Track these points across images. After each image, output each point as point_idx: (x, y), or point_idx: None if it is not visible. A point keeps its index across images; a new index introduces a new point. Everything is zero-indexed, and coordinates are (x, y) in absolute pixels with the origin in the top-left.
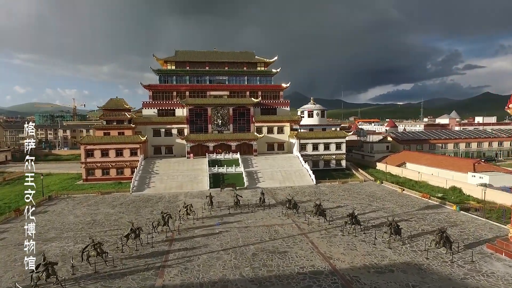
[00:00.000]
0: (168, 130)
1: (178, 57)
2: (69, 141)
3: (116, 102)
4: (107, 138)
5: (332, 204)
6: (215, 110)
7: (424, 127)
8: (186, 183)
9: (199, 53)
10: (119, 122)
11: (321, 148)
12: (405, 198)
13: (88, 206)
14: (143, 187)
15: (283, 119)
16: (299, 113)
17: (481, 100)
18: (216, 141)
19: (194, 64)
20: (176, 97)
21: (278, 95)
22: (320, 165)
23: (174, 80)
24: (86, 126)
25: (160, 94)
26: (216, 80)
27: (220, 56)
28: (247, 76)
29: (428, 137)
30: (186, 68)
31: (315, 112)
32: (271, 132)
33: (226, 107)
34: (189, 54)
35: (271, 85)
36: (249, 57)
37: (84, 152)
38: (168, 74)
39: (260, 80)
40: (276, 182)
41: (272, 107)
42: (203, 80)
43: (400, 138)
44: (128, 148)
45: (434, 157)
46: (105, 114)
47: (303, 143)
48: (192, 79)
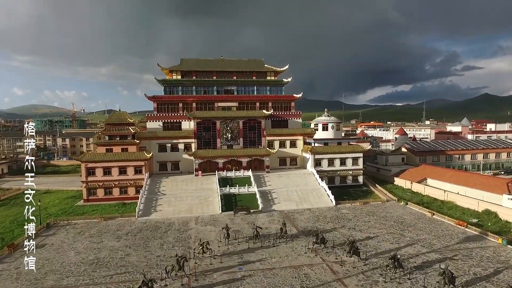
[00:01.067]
0: (175, 145)
1: (183, 66)
2: (68, 150)
3: (119, 116)
4: (109, 155)
5: (360, 235)
6: (224, 123)
7: (435, 134)
8: (196, 206)
9: (206, 61)
10: (122, 137)
11: (337, 163)
12: (438, 226)
13: (90, 237)
14: (150, 211)
15: (296, 132)
16: (313, 126)
17: (480, 101)
18: (226, 158)
19: (201, 73)
20: (182, 109)
21: (290, 106)
22: (336, 181)
23: (180, 90)
24: (86, 134)
25: (165, 106)
26: (224, 90)
27: (228, 64)
28: (257, 86)
29: (445, 148)
30: (192, 77)
31: (330, 125)
32: (283, 146)
33: (236, 120)
34: (195, 62)
35: (282, 96)
36: (258, 66)
37: (85, 171)
38: (174, 84)
39: (270, 90)
40: (292, 203)
41: (283, 118)
42: (211, 91)
43: (415, 150)
44: (132, 165)
45: (459, 174)
46: (108, 129)
47: (318, 159)
48: (199, 90)
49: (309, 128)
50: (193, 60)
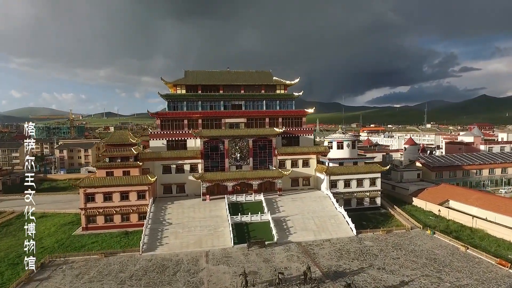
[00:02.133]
0: (180, 166)
1: (188, 80)
2: (66, 161)
3: (121, 136)
4: (110, 179)
5: (393, 278)
6: (233, 142)
7: (445, 145)
8: (206, 238)
9: (211, 73)
10: (123, 159)
11: (354, 184)
12: (476, 265)
13: (90, 281)
14: (155, 244)
15: (309, 151)
16: (326, 143)
17: (478, 103)
18: (236, 180)
19: (207, 87)
20: (187, 126)
21: (301, 121)
22: (352, 203)
23: (185, 106)
24: (84, 145)
25: (170, 123)
26: (231, 105)
27: (235, 77)
28: (266, 101)
29: (461, 162)
30: (198, 92)
31: (345, 143)
32: (295, 166)
33: (245, 138)
34: (200, 75)
35: (292, 111)
36: (267, 78)
37: (83, 197)
38: (178, 99)
39: (280, 105)
40: (310, 233)
41: (294, 135)
42: (217, 106)
43: (431, 165)
44: (135, 190)
45: (486, 197)
46: (108, 150)
47: (334, 180)
48: (205, 105)
49: (323, 146)
50: (197, 73)
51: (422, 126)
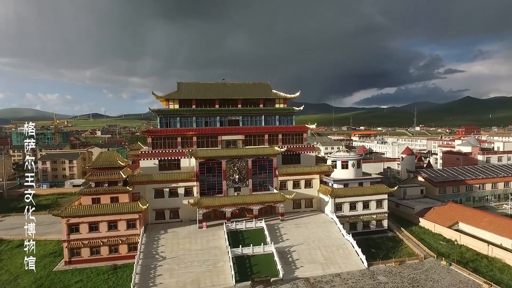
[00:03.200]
0: (173, 190)
1: (181, 94)
2: (49, 174)
3: (108, 158)
4: (96, 207)
5: None
6: (231, 163)
7: (443, 154)
8: (204, 275)
9: (206, 86)
10: (111, 184)
11: (360, 207)
12: None
13: None
14: (148, 284)
15: (312, 171)
16: (330, 162)
17: (462, 104)
18: (235, 206)
19: (202, 102)
20: (181, 144)
21: (302, 137)
22: (358, 227)
23: (178, 122)
24: (69, 156)
25: (162, 141)
26: (228, 121)
27: (231, 90)
28: (265, 116)
29: (464, 177)
30: (192, 107)
31: (350, 163)
32: (297, 187)
33: (244, 159)
34: (194, 87)
35: (293, 127)
36: (265, 92)
37: (66, 228)
38: (171, 115)
39: (280, 120)
40: (317, 266)
41: (295, 152)
42: (213, 122)
43: (434, 180)
44: (125, 219)
45: (498, 220)
46: (94, 174)
47: (339, 203)
48: (200, 121)
49: (326, 165)
50: (191, 85)
51: (411, 128)
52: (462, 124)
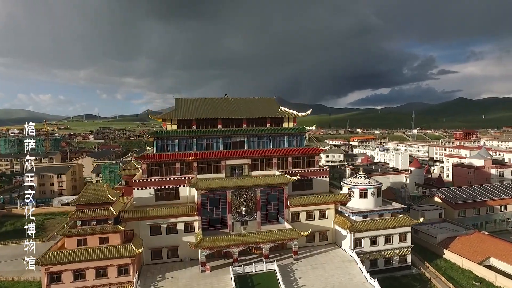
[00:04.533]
0: (172, 226)
1: (180, 113)
2: (36, 189)
3: (96, 191)
4: (82, 252)
5: None
6: (237, 193)
7: (453, 167)
8: None
9: (207, 102)
10: (100, 222)
11: (381, 241)
12: None
13: None
14: None
15: (327, 200)
16: (346, 190)
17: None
18: (243, 245)
19: (203, 122)
20: (180, 170)
21: (314, 160)
22: (379, 264)
23: (177, 145)
24: (58, 169)
25: (158, 168)
26: (232, 143)
27: (235, 107)
28: (273, 136)
29: (484, 197)
30: (192, 127)
31: (369, 192)
32: (311, 218)
33: (251, 189)
34: (193, 104)
35: (304, 149)
36: (272, 108)
37: (46, 277)
38: (169, 137)
39: (289, 141)
40: None
41: (307, 177)
42: (215, 144)
43: (453, 202)
44: (115, 264)
45: None
46: (80, 212)
47: (359, 238)
48: (201, 143)
49: (342, 194)
50: (190, 101)
51: (409, 131)
52: (456, 126)
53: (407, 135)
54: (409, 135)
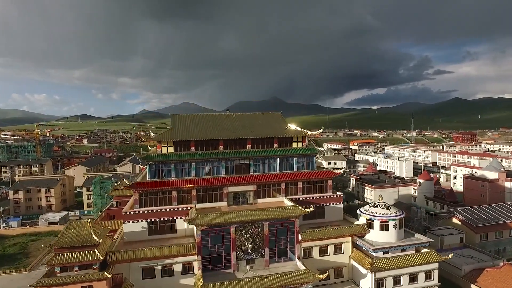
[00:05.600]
0: (168, 267)
1: (177, 133)
2: (22, 205)
3: (78, 231)
4: None
5: None
6: (242, 229)
7: (464, 178)
8: None
9: (206, 118)
10: (84, 267)
11: (405, 281)
12: None
13: None
14: None
15: (343, 233)
16: (364, 221)
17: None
18: None
19: (202, 143)
20: (177, 199)
21: (326, 185)
22: None
23: (173, 170)
24: (46, 183)
25: (152, 197)
26: (235, 166)
27: (238, 124)
28: (280, 158)
29: (506, 218)
30: (191, 149)
31: (391, 223)
32: (325, 253)
33: (259, 223)
34: (191, 121)
35: (315, 172)
36: (279, 126)
37: None
38: (164, 161)
39: (298, 163)
40: None
41: (319, 205)
42: (217, 168)
43: (474, 224)
44: None
45: None
46: (59, 256)
47: (380, 278)
48: (201, 167)
49: (360, 225)
50: (188, 118)
51: (407, 133)
52: (453, 126)
53: (406, 138)
54: (408, 138)
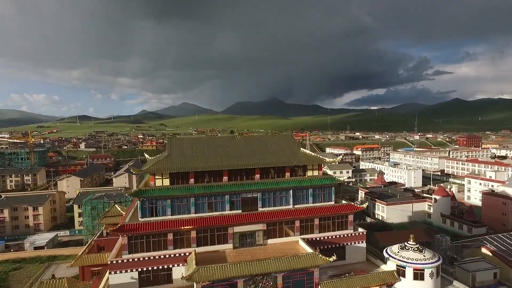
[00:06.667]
0: None
1: (173, 163)
2: (7, 224)
3: None
4: None
5: None
6: (251, 282)
7: (483, 195)
8: None
9: (207, 142)
10: None
11: None
12: None
13: None
14: None
15: (370, 283)
16: (391, 265)
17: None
18: None
19: (203, 175)
20: (173, 242)
21: (347, 221)
22: None
23: (169, 208)
24: (34, 200)
25: (144, 241)
26: (241, 200)
27: (244, 149)
28: (293, 190)
29: None
30: (190, 181)
31: (427, 272)
32: None
33: (271, 275)
34: (190, 146)
35: (334, 207)
36: (290, 149)
37: None
38: (158, 197)
39: (314, 196)
40: None
41: (338, 245)
42: (220, 203)
43: (509, 257)
44: None
45: None
46: None
47: None
48: (201, 202)
49: (389, 273)
50: (186, 142)
51: (410, 137)
52: (454, 128)
53: (410, 141)
54: (411, 141)
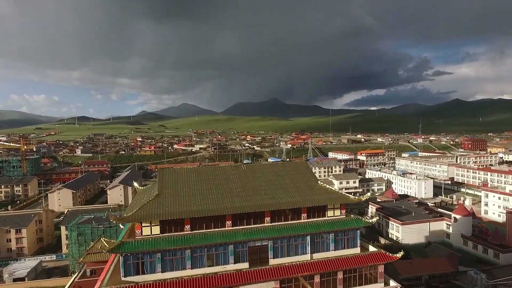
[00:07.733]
0: None
1: (164, 207)
2: None
3: None
4: None
5: None
6: None
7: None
8: None
9: (206, 174)
10: None
11: None
12: None
13: None
14: None
15: None
16: None
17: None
18: None
19: (202, 220)
20: None
21: (376, 273)
22: None
23: (159, 263)
24: (18, 221)
25: None
26: (248, 251)
27: (251, 183)
28: (311, 236)
29: None
30: (185, 228)
31: None
32: None
33: None
34: (185, 181)
35: (360, 257)
36: (304, 181)
37: None
38: (145, 252)
39: (335, 241)
40: None
41: None
42: (222, 256)
43: None
44: None
45: None
46: None
47: None
48: (199, 255)
49: None
50: (181, 176)
51: (413, 139)
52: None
53: (414, 145)
54: (415, 145)
